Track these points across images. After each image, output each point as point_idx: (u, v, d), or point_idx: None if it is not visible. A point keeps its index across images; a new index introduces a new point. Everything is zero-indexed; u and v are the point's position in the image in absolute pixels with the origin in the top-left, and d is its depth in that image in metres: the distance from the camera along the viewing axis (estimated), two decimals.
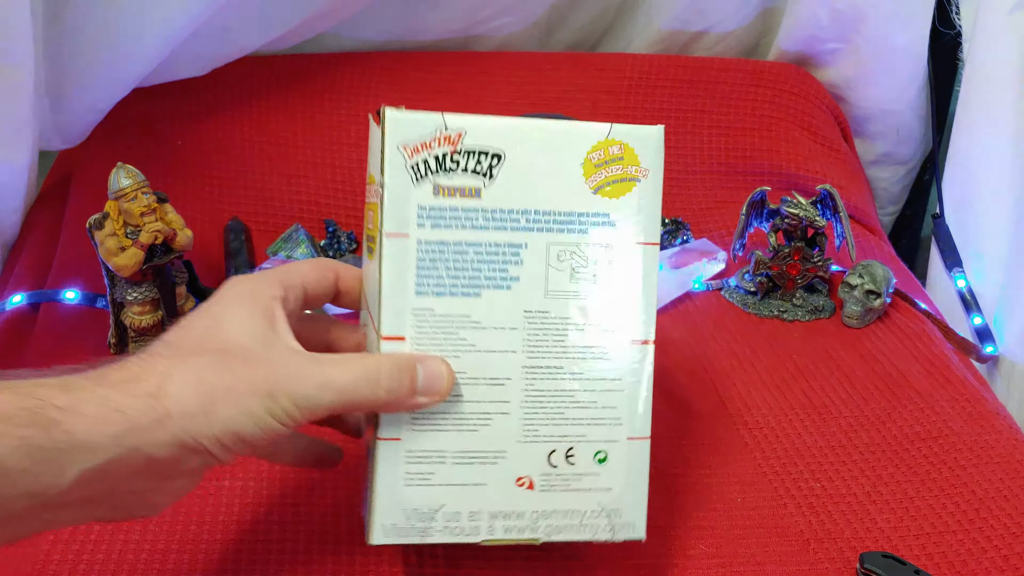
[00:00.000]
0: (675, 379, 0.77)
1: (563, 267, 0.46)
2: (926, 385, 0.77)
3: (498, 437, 0.45)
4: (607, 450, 0.47)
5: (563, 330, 0.46)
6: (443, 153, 0.44)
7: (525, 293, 0.45)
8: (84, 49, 0.88)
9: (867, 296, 0.85)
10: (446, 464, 0.45)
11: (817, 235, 0.88)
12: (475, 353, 0.45)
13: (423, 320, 0.44)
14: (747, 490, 0.64)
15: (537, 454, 0.46)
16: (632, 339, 0.48)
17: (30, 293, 0.82)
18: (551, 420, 0.46)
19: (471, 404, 0.45)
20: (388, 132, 0.43)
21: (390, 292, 0.44)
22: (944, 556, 0.59)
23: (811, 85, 1.17)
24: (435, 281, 0.44)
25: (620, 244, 0.46)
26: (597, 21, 1.20)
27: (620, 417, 0.48)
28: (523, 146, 0.44)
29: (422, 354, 0.44)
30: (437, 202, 0.44)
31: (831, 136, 1.14)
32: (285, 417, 0.40)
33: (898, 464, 0.68)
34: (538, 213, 0.45)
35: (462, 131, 0.44)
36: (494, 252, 0.45)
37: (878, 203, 1.23)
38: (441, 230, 0.44)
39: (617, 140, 0.46)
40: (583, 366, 0.46)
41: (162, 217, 0.73)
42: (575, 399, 0.47)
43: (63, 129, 0.94)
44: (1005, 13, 0.90)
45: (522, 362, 0.45)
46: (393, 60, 1.09)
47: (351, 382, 0.41)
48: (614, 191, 0.46)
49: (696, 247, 0.95)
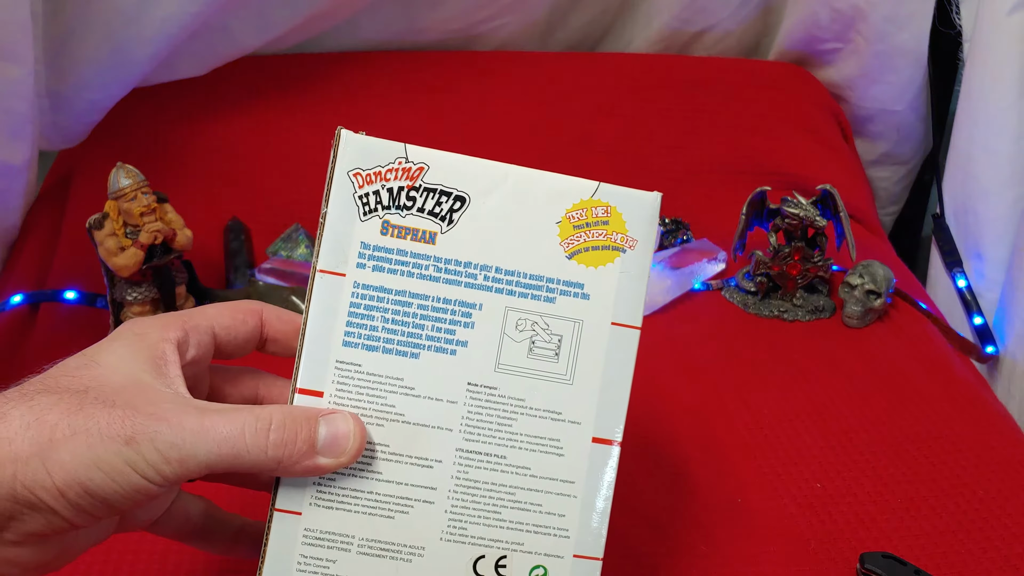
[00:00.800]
0: (675, 379, 0.77)
1: (521, 338, 0.39)
2: (926, 385, 0.77)
3: (417, 530, 0.39)
4: (547, 567, 0.40)
5: (512, 413, 0.39)
6: (399, 187, 0.39)
7: (472, 362, 0.39)
8: (84, 49, 0.88)
9: (867, 296, 0.85)
10: (351, 552, 0.38)
11: (817, 235, 0.87)
12: (403, 425, 0.38)
13: (347, 376, 0.38)
14: (747, 490, 0.64)
15: (461, 558, 0.39)
16: (594, 436, 0.40)
17: (30, 293, 0.82)
18: (484, 519, 0.39)
19: (390, 485, 0.38)
20: (340, 155, 0.38)
21: (314, 338, 0.38)
22: (944, 556, 0.59)
23: (811, 85, 1.17)
24: (368, 333, 0.38)
25: (592, 321, 0.40)
26: (597, 21, 1.20)
27: (568, 529, 0.40)
28: (493, 193, 0.39)
29: (330, 408, 0.38)
30: (384, 242, 0.38)
31: (831, 136, 1.14)
32: (149, 470, 0.33)
33: (898, 464, 0.68)
34: (499, 271, 0.39)
35: (424, 165, 0.39)
36: (442, 309, 0.39)
37: (878, 203, 1.23)
38: (384, 275, 0.38)
39: (603, 201, 0.40)
40: (530, 460, 0.39)
41: (162, 217, 0.73)
42: (516, 499, 0.39)
43: (63, 129, 0.94)
44: (1005, 13, 0.90)
45: (458, 444, 0.39)
46: (393, 60, 1.09)
47: (234, 433, 0.34)
48: (592, 259, 0.40)
49: (696, 247, 0.95)
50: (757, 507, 0.63)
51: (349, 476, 0.38)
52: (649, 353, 0.81)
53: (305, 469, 0.36)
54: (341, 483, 0.38)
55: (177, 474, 0.33)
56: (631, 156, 1.07)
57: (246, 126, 1.02)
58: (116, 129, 0.98)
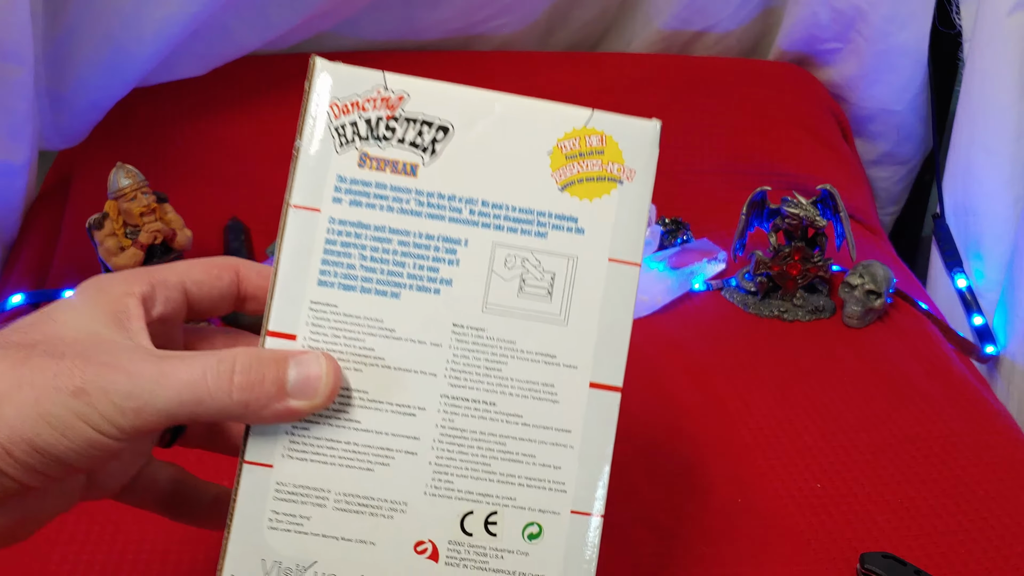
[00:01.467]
0: (675, 379, 0.77)
1: (511, 276, 0.37)
2: (926, 385, 0.77)
3: (399, 483, 0.36)
4: (542, 524, 0.37)
5: (501, 356, 0.36)
6: (377, 117, 0.36)
7: (458, 302, 0.36)
8: (84, 49, 0.88)
9: (867, 296, 0.85)
10: (326, 508, 0.35)
11: (817, 235, 0.87)
12: (383, 369, 0.36)
13: (322, 317, 0.36)
14: (747, 490, 0.64)
15: (447, 514, 0.36)
16: (592, 381, 0.37)
17: (30, 293, 0.82)
18: (471, 472, 0.36)
19: (369, 435, 0.35)
20: (314, 84, 0.36)
21: (286, 277, 0.36)
22: (944, 556, 0.59)
23: (811, 85, 1.17)
24: (344, 271, 0.36)
25: (588, 258, 0.37)
26: (597, 21, 1.20)
27: (564, 482, 0.37)
28: (479, 122, 0.37)
29: (301, 349, 0.35)
30: (362, 175, 0.36)
31: (831, 136, 1.14)
32: (103, 422, 0.30)
33: (898, 464, 0.68)
34: (486, 205, 0.36)
35: (404, 93, 0.36)
36: (424, 246, 0.36)
37: (878, 203, 1.23)
38: (362, 209, 0.36)
39: (598, 130, 0.37)
40: (522, 406, 0.36)
41: (162, 217, 0.73)
42: (506, 449, 0.36)
43: (63, 129, 0.94)
44: (1005, 13, 0.90)
45: (442, 390, 0.36)
46: (393, 60, 1.09)
47: (195, 377, 0.31)
48: (587, 191, 0.37)
49: (696, 247, 0.95)
50: (757, 507, 0.63)
51: (325, 425, 0.35)
52: (649, 353, 0.82)
53: (276, 413, 0.33)
54: (316, 432, 0.35)
55: (134, 425, 0.31)
56: None
57: (246, 126, 1.02)
58: (116, 129, 0.98)
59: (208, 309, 0.38)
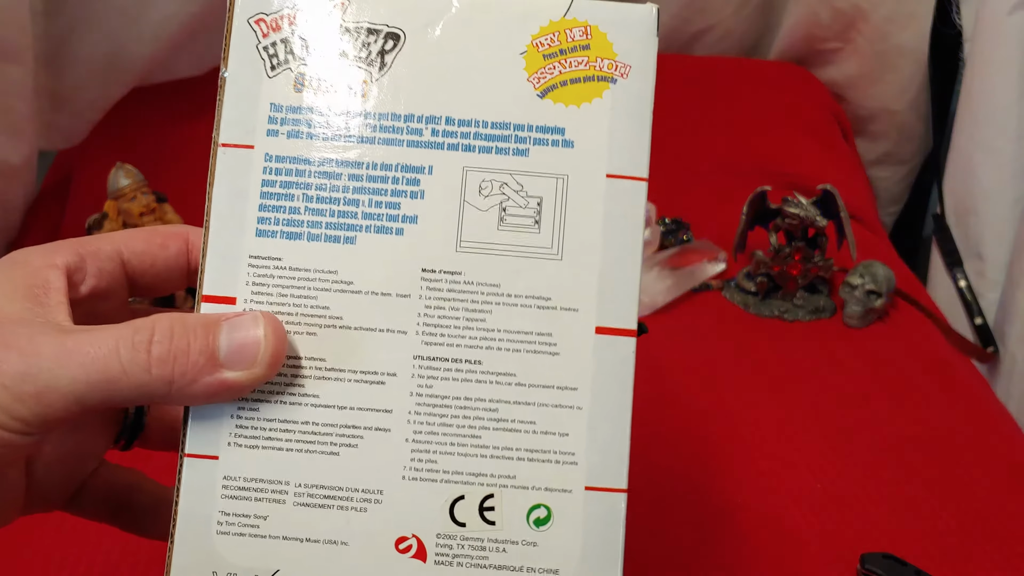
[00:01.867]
0: (675, 379, 0.77)
1: (488, 206, 0.30)
2: (926, 385, 0.77)
3: (371, 467, 0.29)
4: (550, 505, 0.30)
5: (484, 304, 0.30)
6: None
7: (425, 243, 0.30)
8: (84, 49, 0.89)
9: (868, 296, 0.85)
10: (286, 504, 0.29)
11: (818, 235, 0.87)
12: (341, 331, 0.30)
13: (264, 274, 0.30)
14: (747, 490, 0.64)
15: (433, 500, 0.29)
16: (598, 326, 0.30)
17: None
18: (458, 448, 0.30)
19: (331, 411, 0.29)
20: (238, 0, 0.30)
21: (219, 230, 0.30)
22: (944, 556, 0.59)
23: (811, 85, 1.17)
24: (287, 217, 0.30)
25: (580, 176, 0.31)
26: None
27: (575, 452, 0.30)
28: (434, 24, 0.30)
29: (232, 312, 0.29)
30: (299, 100, 0.30)
31: (831, 136, 1.14)
32: (14, 407, 0.26)
33: (899, 464, 0.68)
34: (451, 122, 0.30)
35: (343, 1, 0.30)
36: (380, 178, 0.30)
37: (878, 203, 1.23)
38: (301, 141, 0.30)
39: (580, 20, 0.31)
40: (514, 363, 0.30)
41: (161, 217, 0.73)
42: (499, 416, 0.30)
43: (63, 129, 0.94)
44: (1005, 13, 0.90)
45: (415, 350, 0.30)
46: None
47: (105, 351, 0.26)
48: (573, 95, 0.31)
49: (697, 247, 0.95)
50: (757, 507, 0.63)
51: (276, 403, 0.29)
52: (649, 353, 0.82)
53: (208, 388, 0.27)
54: (267, 413, 0.29)
55: (36, 413, 0.26)
56: None
57: None
58: (116, 129, 0.98)
59: (153, 284, 0.33)
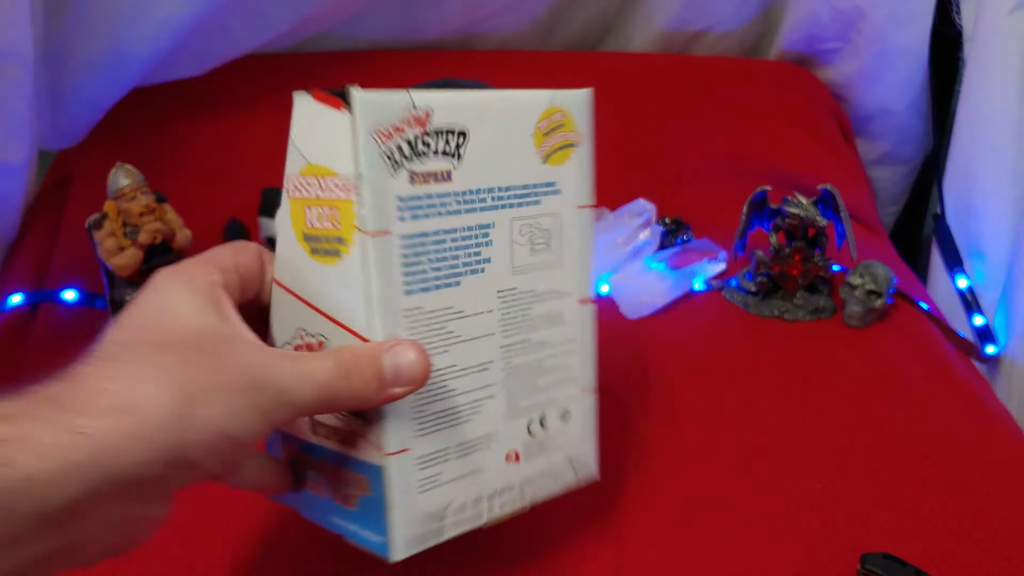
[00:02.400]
0: (675, 380, 0.77)
1: (524, 241, 0.46)
2: (927, 385, 0.77)
3: (488, 421, 0.45)
4: (569, 407, 0.49)
5: (528, 303, 0.46)
6: (415, 136, 0.40)
7: (496, 273, 0.45)
8: (84, 49, 0.88)
9: (868, 296, 0.85)
10: (450, 461, 0.44)
11: (818, 235, 0.87)
12: (461, 344, 0.44)
13: (415, 320, 0.41)
14: (747, 490, 0.64)
15: (519, 427, 0.47)
16: (579, 299, 0.49)
17: (29, 293, 0.82)
18: (528, 392, 0.47)
19: (464, 396, 0.44)
20: (359, 117, 0.39)
21: (381, 297, 0.40)
22: (945, 557, 0.59)
23: (811, 85, 1.17)
24: (421, 277, 0.41)
25: (565, 210, 0.47)
26: (597, 21, 1.20)
27: (575, 375, 0.49)
28: (483, 121, 0.43)
29: (387, 342, 0.40)
30: (414, 191, 0.40)
31: (831, 136, 1.14)
32: (275, 412, 0.36)
33: (899, 464, 0.68)
34: (501, 190, 0.44)
35: (430, 109, 0.40)
36: (468, 236, 0.43)
37: (879, 203, 1.23)
38: (420, 221, 0.41)
39: (559, 107, 0.46)
40: (546, 334, 0.47)
41: (161, 217, 0.73)
42: (543, 366, 0.48)
43: (63, 129, 0.94)
44: (1005, 13, 0.90)
45: (500, 342, 0.45)
46: (393, 60, 1.09)
47: (331, 377, 0.37)
48: (558, 158, 0.46)
49: (697, 247, 0.95)
50: (757, 507, 0.63)
51: (436, 401, 0.43)
52: (649, 353, 0.82)
53: (382, 400, 0.39)
54: (430, 409, 0.43)
55: (283, 419, 0.36)
56: (631, 156, 1.07)
57: (246, 126, 1.02)
58: (116, 129, 0.97)
59: (248, 292, 0.42)
